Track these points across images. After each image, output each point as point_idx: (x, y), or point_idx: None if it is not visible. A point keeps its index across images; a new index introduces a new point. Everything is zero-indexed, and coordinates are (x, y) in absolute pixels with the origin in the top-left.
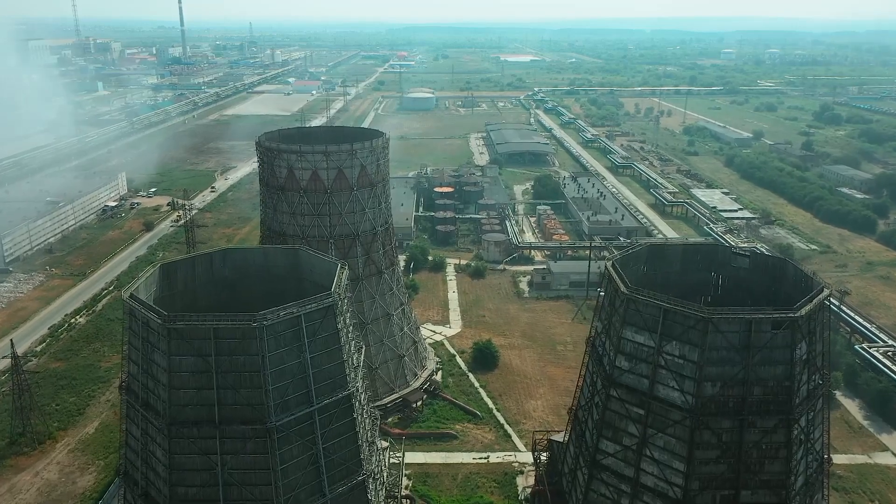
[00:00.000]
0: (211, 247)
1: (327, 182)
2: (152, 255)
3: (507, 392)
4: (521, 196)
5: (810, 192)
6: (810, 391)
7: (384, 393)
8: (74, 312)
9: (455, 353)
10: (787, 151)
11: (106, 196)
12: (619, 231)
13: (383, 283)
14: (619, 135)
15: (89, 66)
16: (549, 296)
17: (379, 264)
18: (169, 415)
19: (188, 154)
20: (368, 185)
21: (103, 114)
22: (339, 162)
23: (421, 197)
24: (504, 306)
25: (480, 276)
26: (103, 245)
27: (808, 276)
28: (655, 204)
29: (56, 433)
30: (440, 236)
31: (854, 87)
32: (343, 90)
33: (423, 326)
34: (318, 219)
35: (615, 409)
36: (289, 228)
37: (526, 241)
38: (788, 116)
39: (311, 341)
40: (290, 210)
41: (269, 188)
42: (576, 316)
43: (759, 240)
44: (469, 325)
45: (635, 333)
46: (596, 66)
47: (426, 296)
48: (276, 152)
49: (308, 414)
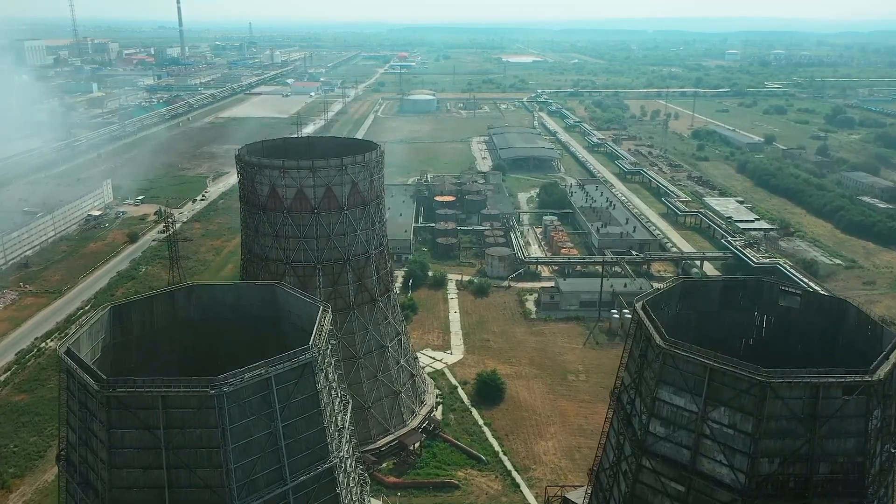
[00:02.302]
0: (198, 261)
1: (314, 201)
2: (135, 269)
3: (514, 431)
4: (526, 205)
5: (830, 202)
6: (882, 464)
7: (378, 434)
8: (45, 336)
9: (457, 383)
10: (802, 157)
11: (89, 205)
12: (630, 244)
13: (377, 312)
14: (625, 138)
15: (85, 66)
16: (557, 317)
17: (372, 291)
18: (110, 499)
19: (180, 159)
20: (360, 203)
21: (95, 116)
22: (328, 178)
23: (421, 206)
24: (510, 329)
25: (484, 293)
26: (84, 258)
27: (876, 322)
28: (667, 214)
29: (11, 481)
30: (441, 249)
31: (864, 89)
32: (342, 92)
33: (422, 352)
34: (303, 242)
35: (648, 482)
36: (271, 252)
37: (532, 256)
38: (799, 119)
39: (283, 407)
40: (272, 232)
41: (249, 207)
42: (587, 340)
43: (779, 253)
44: (472, 351)
45: (673, 395)
46: (599, 66)
47: (426, 316)
48: (256, 167)
49: (281, 495)
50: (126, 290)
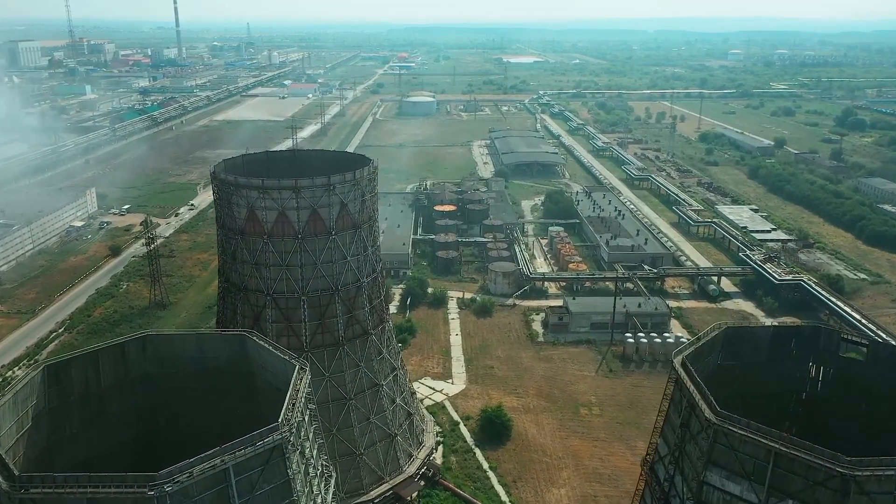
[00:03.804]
0: (183, 277)
1: (298, 225)
2: (115, 286)
3: (522, 476)
4: (531, 213)
5: (850, 210)
6: None
7: (371, 484)
8: (13, 363)
9: (459, 419)
10: (816, 162)
11: (71, 215)
12: (642, 258)
13: (370, 347)
14: (631, 142)
15: (79, 68)
16: (567, 340)
17: (365, 323)
18: None
19: (171, 164)
20: (351, 226)
21: (86, 119)
22: (313, 200)
23: (420, 216)
24: (515, 354)
25: (487, 313)
26: (62, 274)
27: None
28: (679, 223)
29: None
30: (441, 264)
31: (871, 89)
32: (340, 93)
33: (421, 381)
34: (286, 270)
35: None
36: (250, 282)
37: (538, 272)
38: (808, 122)
39: (246, 501)
40: (251, 259)
41: (226, 231)
42: (600, 367)
43: (799, 266)
44: (475, 381)
45: (726, 480)
46: (601, 67)
47: (425, 339)
48: (233, 187)
49: None
50: (105, 309)
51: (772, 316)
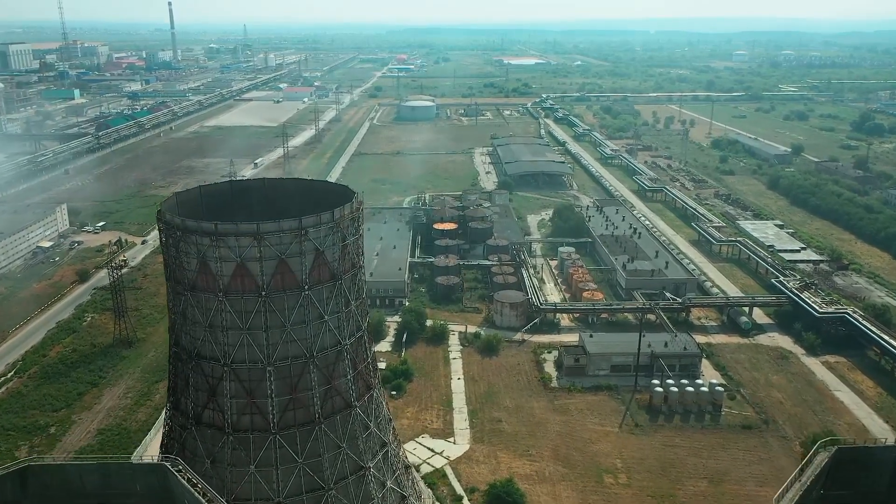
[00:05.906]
0: (154, 308)
1: (261, 279)
2: (78, 319)
3: None
4: (538, 230)
5: (885, 227)
6: None
7: None
8: None
9: (463, 492)
10: (840, 171)
11: (39, 235)
12: (664, 284)
13: (354, 422)
14: (641, 149)
15: (70, 71)
16: (584, 386)
17: (347, 395)
18: None
19: (154, 174)
20: (329, 278)
21: (71, 126)
22: (281, 248)
23: (418, 235)
24: (526, 403)
25: (493, 352)
26: (21, 304)
27: None
28: (699, 241)
29: None
30: (441, 291)
31: (884, 91)
32: (336, 97)
33: (418, 440)
34: (248, 335)
35: None
36: (204, 347)
37: (550, 302)
38: (823, 126)
39: None
40: (204, 320)
41: (174, 284)
42: (624, 420)
43: (837, 293)
44: (481, 438)
45: None
46: (604, 69)
47: (423, 385)
48: (180, 232)
49: None
50: (63, 347)
51: (813, 354)
